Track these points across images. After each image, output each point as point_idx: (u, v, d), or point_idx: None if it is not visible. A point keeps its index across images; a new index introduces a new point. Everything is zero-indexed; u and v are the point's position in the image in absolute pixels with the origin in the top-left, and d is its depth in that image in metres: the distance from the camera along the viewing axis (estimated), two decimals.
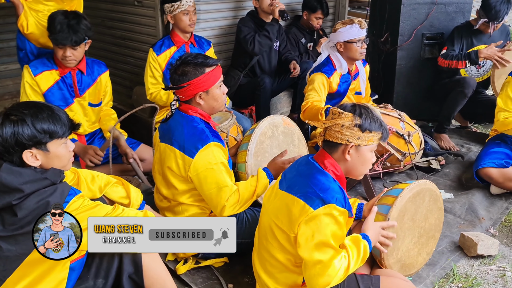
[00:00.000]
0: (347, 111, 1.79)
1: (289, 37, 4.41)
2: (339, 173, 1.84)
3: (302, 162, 1.94)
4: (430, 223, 2.24)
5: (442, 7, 4.07)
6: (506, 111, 3.01)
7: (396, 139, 2.97)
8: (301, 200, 1.75)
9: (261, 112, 3.85)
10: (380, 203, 2.07)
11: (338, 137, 1.79)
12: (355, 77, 3.35)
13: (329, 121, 1.80)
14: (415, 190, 2.05)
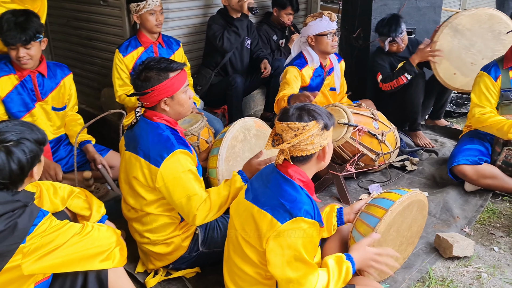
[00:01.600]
0: (306, 121, 1.71)
1: (261, 35, 4.33)
2: (306, 179, 1.79)
3: (267, 171, 1.88)
4: (412, 231, 2.21)
5: (413, 2, 4.05)
6: (481, 106, 2.98)
7: (369, 139, 2.92)
8: (268, 214, 1.69)
9: (233, 112, 3.76)
10: (367, 212, 2.00)
11: (311, 148, 1.73)
12: (329, 72, 3.30)
13: (294, 139, 1.70)
14: (406, 203, 1.99)
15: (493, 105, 2.97)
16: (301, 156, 1.74)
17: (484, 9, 3.57)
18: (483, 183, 2.94)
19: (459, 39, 3.52)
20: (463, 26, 3.52)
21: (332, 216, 2.06)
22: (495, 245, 2.50)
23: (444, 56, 3.53)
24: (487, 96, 2.96)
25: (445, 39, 3.52)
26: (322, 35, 3.11)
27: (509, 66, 2.97)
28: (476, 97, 3.01)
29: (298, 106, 1.75)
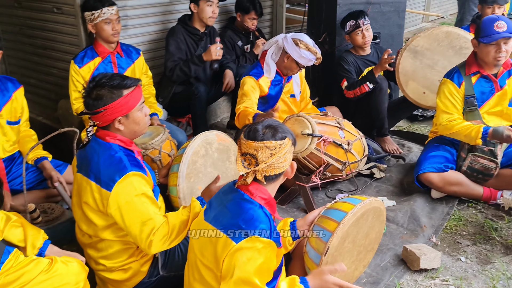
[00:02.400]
0: (281, 138, 1.66)
1: (225, 41, 4.23)
2: (268, 197, 1.73)
3: (227, 190, 1.80)
4: (370, 238, 2.15)
5: (377, 7, 4.03)
6: (448, 113, 2.96)
7: (334, 148, 2.87)
8: (223, 234, 1.63)
9: (197, 121, 3.65)
10: (320, 225, 1.93)
11: (283, 166, 1.69)
12: (288, 79, 3.23)
13: (271, 158, 1.65)
14: (359, 213, 1.92)
15: (459, 111, 2.96)
16: (274, 175, 1.69)
17: (439, 28, 3.64)
18: (449, 190, 2.92)
19: (420, 60, 3.60)
20: (421, 46, 3.60)
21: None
22: (462, 255, 2.48)
23: (409, 77, 3.59)
24: (453, 103, 2.95)
25: (407, 62, 3.60)
26: (299, 63, 3.08)
27: (471, 72, 2.96)
28: (442, 104, 2.99)
29: (267, 124, 1.70)
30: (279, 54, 3.13)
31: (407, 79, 3.59)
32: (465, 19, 5.73)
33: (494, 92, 2.96)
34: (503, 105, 2.99)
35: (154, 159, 2.95)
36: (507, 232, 2.67)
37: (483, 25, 2.83)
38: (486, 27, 2.80)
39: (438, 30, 3.58)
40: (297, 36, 3.06)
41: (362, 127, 3.37)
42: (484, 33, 2.80)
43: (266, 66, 3.10)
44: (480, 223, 2.76)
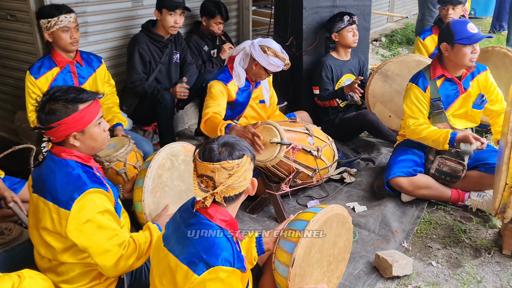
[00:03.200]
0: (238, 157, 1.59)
1: (190, 46, 4.14)
2: (228, 219, 1.66)
3: (185, 213, 1.71)
4: (339, 247, 2.11)
5: (343, 10, 4.01)
6: (414, 118, 2.97)
7: (304, 155, 2.82)
8: (183, 265, 1.54)
9: (163, 130, 3.54)
10: (284, 238, 1.88)
11: (243, 185, 1.63)
12: (256, 85, 3.17)
13: (229, 179, 1.58)
14: (321, 221, 1.89)
15: (425, 115, 2.98)
16: (234, 195, 1.61)
17: (411, 56, 3.76)
18: (419, 194, 2.93)
19: (390, 84, 3.67)
20: (392, 71, 3.68)
21: (252, 248, 1.92)
22: (433, 259, 2.48)
23: (377, 99, 3.68)
24: (419, 107, 2.96)
25: (377, 84, 3.69)
26: (268, 70, 3.03)
27: (436, 76, 2.98)
28: (408, 108, 3.00)
29: (222, 142, 1.62)
30: (247, 61, 3.06)
31: (375, 101, 3.69)
32: (425, 19, 5.85)
33: (459, 95, 2.99)
34: (467, 107, 3.02)
35: (119, 172, 2.84)
36: (475, 234, 2.69)
37: (455, 28, 2.85)
38: (460, 29, 2.83)
39: (410, 58, 3.69)
40: (264, 43, 2.99)
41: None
42: (461, 35, 2.82)
43: (235, 73, 3.03)
44: (449, 225, 2.77)
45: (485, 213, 2.83)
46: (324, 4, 3.97)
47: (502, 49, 3.85)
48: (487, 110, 3.10)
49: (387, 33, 8.11)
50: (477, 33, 2.81)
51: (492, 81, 3.05)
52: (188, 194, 2.54)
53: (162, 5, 3.49)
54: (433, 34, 4.28)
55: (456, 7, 4.16)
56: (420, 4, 6.21)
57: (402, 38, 7.79)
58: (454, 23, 2.88)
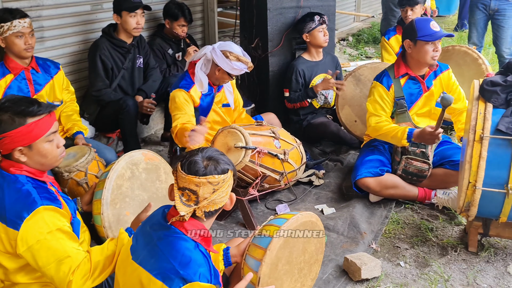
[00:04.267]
0: (224, 172, 1.55)
1: (154, 49, 4.04)
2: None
3: (156, 225, 1.63)
4: (310, 251, 2.06)
5: (307, 10, 3.99)
6: (376, 116, 3.00)
7: (270, 159, 2.78)
8: (158, 281, 1.47)
9: (127, 137, 3.43)
10: (249, 254, 1.82)
11: (224, 199, 1.58)
12: (219, 88, 3.10)
13: (214, 193, 1.53)
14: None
15: (387, 113, 3.00)
16: (214, 210, 1.57)
17: (385, 63, 3.73)
18: (386, 193, 2.93)
19: (361, 88, 3.66)
20: (364, 77, 3.67)
21: (219, 261, 1.86)
22: (401, 259, 2.48)
23: (347, 102, 3.65)
24: (382, 105, 2.98)
25: (349, 87, 3.67)
26: (231, 74, 2.96)
27: (400, 75, 2.99)
28: (372, 106, 3.02)
29: (207, 155, 1.58)
30: (209, 66, 2.96)
31: (344, 103, 3.66)
32: (388, 19, 5.93)
33: (422, 93, 3.01)
34: (431, 106, 3.05)
35: (80, 182, 2.73)
36: (442, 231, 2.70)
37: (418, 25, 2.88)
38: (423, 27, 2.85)
39: (383, 65, 3.66)
40: (225, 47, 2.91)
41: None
42: (423, 32, 2.84)
43: (197, 80, 2.95)
44: (416, 224, 2.78)
45: (451, 210, 2.86)
46: (288, 5, 3.93)
47: (462, 47, 3.92)
48: (449, 108, 3.11)
49: (354, 32, 8.18)
50: (438, 31, 2.84)
51: (454, 80, 3.08)
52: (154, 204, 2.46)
53: (120, 8, 3.38)
54: (397, 34, 4.33)
55: (414, 8, 4.21)
56: (382, 4, 6.28)
57: (368, 37, 7.87)
58: (418, 21, 2.91)
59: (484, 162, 2.16)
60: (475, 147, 2.19)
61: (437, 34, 2.83)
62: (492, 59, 5.93)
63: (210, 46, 2.96)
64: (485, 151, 2.16)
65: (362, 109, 3.57)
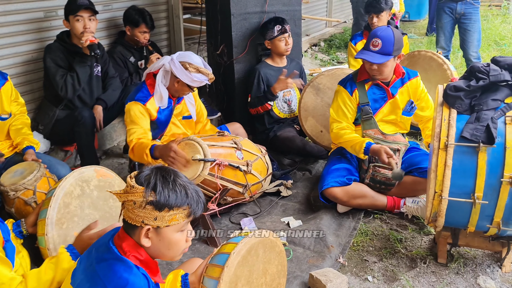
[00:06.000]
0: (140, 182, 1.39)
1: (115, 57, 3.87)
2: (144, 258, 1.46)
3: (102, 245, 1.50)
4: (271, 273, 1.94)
5: (272, 15, 3.89)
6: (338, 121, 2.93)
7: (232, 171, 2.65)
8: None
9: (84, 150, 3.25)
10: (207, 275, 1.69)
11: (131, 217, 1.42)
12: (178, 100, 2.96)
13: (122, 195, 1.41)
14: (244, 250, 1.71)
15: (349, 119, 2.93)
16: (127, 222, 1.45)
17: (342, 69, 3.69)
18: (354, 203, 2.83)
19: (322, 97, 3.57)
20: (323, 85, 3.58)
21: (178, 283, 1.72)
22: (369, 274, 2.37)
23: (309, 113, 3.56)
24: (344, 111, 2.91)
25: (309, 97, 3.57)
26: (191, 86, 2.82)
27: (363, 79, 2.92)
28: (334, 112, 2.96)
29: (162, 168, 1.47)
30: (168, 78, 2.81)
31: (307, 115, 3.57)
32: (359, 24, 5.91)
33: (387, 100, 2.93)
34: (397, 114, 2.96)
35: (28, 201, 2.56)
36: (411, 242, 2.61)
37: (367, 38, 2.85)
38: (367, 41, 2.82)
39: (340, 71, 3.62)
40: (185, 58, 2.76)
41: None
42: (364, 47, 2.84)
43: (157, 94, 2.79)
44: (385, 235, 2.68)
45: (421, 219, 2.77)
46: (253, 10, 3.83)
47: (428, 52, 3.88)
48: (417, 116, 3.06)
49: (326, 37, 8.15)
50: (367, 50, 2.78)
51: (422, 87, 3.01)
52: (102, 224, 2.29)
53: (67, 12, 3.21)
54: (364, 39, 4.28)
55: (380, 15, 4.18)
56: (353, 9, 6.27)
57: (340, 42, 7.85)
58: (371, 33, 2.85)
59: (449, 171, 2.08)
60: (440, 155, 2.10)
61: (361, 54, 2.79)
62: (461, 63, 5.96)
63: (169, 56, 2.81)
64: (450, 159, 2.08)
65: (326, 119, 3.47)
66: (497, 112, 2.10)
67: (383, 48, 2.73)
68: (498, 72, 2.16)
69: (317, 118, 3.52)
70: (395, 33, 2.78)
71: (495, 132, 2.04)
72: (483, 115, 2.09)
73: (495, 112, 2.10)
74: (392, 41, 2.74)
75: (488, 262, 2.39)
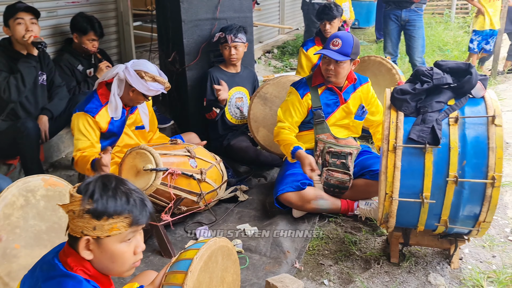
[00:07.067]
0: (79, 191, 1.33)
1: (62, 66, 3.73)
2: (91, 273, 1.38)
3: (44, 263, 1.42)
4: (228, 281, 1.92)
5: (224, 22, 3.89)
6: (282, 121, 2.98)
7: (185, 180, 2.60)
8: None
9: (28, 163, 3.09)
10: (168, 283, 1.64)
11: (72, 229, 1.35)
12: (132, 110, 2.88)
13: (64, 206, 1.35)
14: (206, 256, 1.69)
15: (293, 121, 2.97)
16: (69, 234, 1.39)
17: (286, 76, 3.71)
18: (309, 208, 2.85)
19: (270, 107, 3.57)
20: (270, 94, 3.59)
21: None
22: (325, 277, 2.38)
23: (260, 124, 3.55)
24: (291, 112, 2.96)
25: (257, 108, 3.57)
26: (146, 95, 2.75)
27: (317, 84, 2.96)
28: (282, 111, 3.01)
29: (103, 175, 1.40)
30: (122, 87, 2.72)
31: (257, 126, 3.56)
32: (310, 30, 6.02)
33: (339, 105, 2.98)
34: (350, 118, 3.02)
35: None
36: (365, 244, 2.65)
37: (328, 38, 2.91)
38: (327, 41, 2.87)
39: (285, 78, 3.64)
40: (140, 67, 2.69)
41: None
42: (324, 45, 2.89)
43: (111, 105, 2.70)
44: (340, 238, 2.71)
45: (374, 221, 2.83)
46: (204, 16, 3.80)
47: (377, 58, 4.00)
48: (368, 120, 3.13)
49: (279, 44, 8.24)
50: (327, 48, 2.84)
51: (372, 93, 3.09)
52: (50, 235, 2.19)
53: (6, 17, 3.06)
54: (316, 45, 4.34)
55: (332, 22, 4.26)
56: (304, 16, 6.37)
57: (293, 49, 7.95)
58: (332, 35, 2.90)
59: (398, 172, 2.13)
60: (389, 157, 2.15)
61: (323, 49, 2.86)
62: (408, 67, 6.18)
63: (123, 65, 2.73)
64: (399, 161, 2.13)
65: None
66: (441, 114, 2.17)
67: (342, 48, 2.80)
68: (440, 75, 2.24)
69: (269, 127, 3.51)
70: (354, 38, 2.87)
71: (439, 133, 2.11)
72: (428, 117, 2.16)
73: (439, 113, 2.17)
74: (352, 44, 2.81)
75: (438, 260, 2.46)
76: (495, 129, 2.07)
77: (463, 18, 10.62)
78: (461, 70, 2.24)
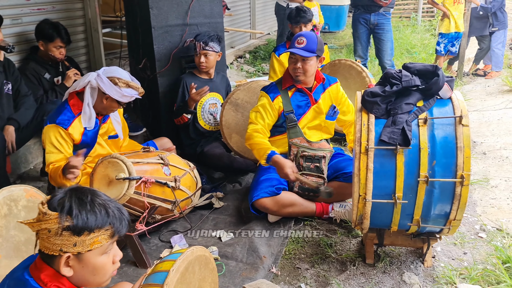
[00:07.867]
0: (53, 208, 1.28)
1: (27, 74, 3.62)
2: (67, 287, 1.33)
3: (13, 279, 1.36)
4: None
5: (194, 28, 3.87)
6: (254, 123, 2.99)
7: (159, 188, 2.56)
8: None
9: None
10: None
11: (47, 247, 1.29)
12: (104, 119, 2.82)
13: (35, 224, 1.29)
14: (183, 267, 1.66)
15: (266, 124, 2.98)
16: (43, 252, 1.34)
17: (257, 81, 3.72)
18: (285, 212, 2.85)
19: (242, 113, 3.57)
20: (241, 100, 3.59)
21: None
22: (302, 281, 2.39)
23: (232, 130, 3.54)
24: (263, 115, 2.97)
25: (229, 115, 3.55)
26: (120, 102, 2.69)
27: (287, 86, 2.98)
28: (253, 114, 3.04)
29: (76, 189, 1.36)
30: (95, 95, 2.66)
31: (230, 132, 3.54)
32: (284, 35, 6.03)
33: (310, 106, 3.01)
34: (321, 119, 3.05)
35: None
36: (340, 246, 2.67)
37: (292, 38, 2.97)
38: (292, 41, 2.94)
39: (256, 83, 3.64)
40: (112, 74, 2.62)
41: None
42: (290, 46, 2.96)
43: (85, 116, 2.63)
44: (316, 241, 2.73)
45: (349, 223, 2.85)
46: (174, 22, 3.77)
47: (348, 61, 4.05)
48: (340, 121, 3.17)
49: (251, 49, 8.25)
50: (292, 47, 2.89)
51: (342, 93, 3.13)
52: (27, 247, 2.14)
53: None
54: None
55: (307, 25, 4.31)
56: (279, 21, 6.40)
57: (265, 53, 7.98)
58: (296, 34, 2.96)
59: (371, 174, 2.15)
60: (362, 159, 2.17)
61: (290, 48, 2.92)
62: (378, 70, 6.29)
63: (94, 73, 2.66)
64: (371, 163, 2.15)
65: None
66: (411, 115, 2.22)
67: (307, 45, 2.86)
68: (409, 77, 2.28)
69: (241, 133, 3.49)
70: (318, 36, 2.95)
71: (410, 134, 2.14)
72: (399, 119, 2.20)
73: (409, 115, 2.22)
74: (316, 41, 2.88)
75: (412, 259, 2.50)
76: (463, 129, 2.12)
77: (429, 21, 10.91)
78: (429, 72, 2.30)
